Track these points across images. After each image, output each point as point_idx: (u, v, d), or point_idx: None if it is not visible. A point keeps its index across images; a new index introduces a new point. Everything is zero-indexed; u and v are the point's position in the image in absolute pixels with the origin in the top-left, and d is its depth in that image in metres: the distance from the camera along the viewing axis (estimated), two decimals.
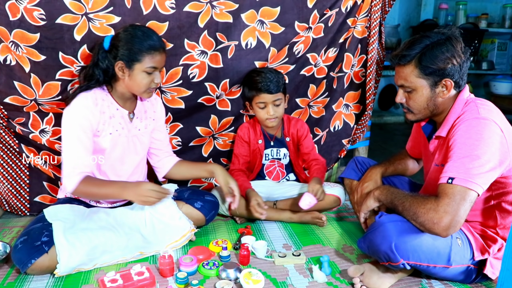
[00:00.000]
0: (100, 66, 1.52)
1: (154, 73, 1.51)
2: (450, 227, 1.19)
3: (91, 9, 1.64)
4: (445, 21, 4.40)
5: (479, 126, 1.25)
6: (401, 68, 1.38)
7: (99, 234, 1.47)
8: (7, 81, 1.69)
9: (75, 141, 1.48)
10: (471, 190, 1.20)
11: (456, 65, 1.32)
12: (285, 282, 1.41)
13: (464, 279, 1.36)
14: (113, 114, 1.57)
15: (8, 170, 1.90)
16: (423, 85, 1.36)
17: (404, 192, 1.36)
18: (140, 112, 1.66)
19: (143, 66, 1.48)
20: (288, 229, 1.83)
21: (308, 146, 2.00)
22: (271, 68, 1.90)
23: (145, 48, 1.46)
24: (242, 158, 1.97)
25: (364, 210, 1.49)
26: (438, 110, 1.40)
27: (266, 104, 1.85)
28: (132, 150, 1.65)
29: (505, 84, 4.24)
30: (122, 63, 1.48)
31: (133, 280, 1.32)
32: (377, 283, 1.35)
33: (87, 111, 1.50)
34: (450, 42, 1.32)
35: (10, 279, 1.41)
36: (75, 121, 1.49)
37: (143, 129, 1.68)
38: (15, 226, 1.83)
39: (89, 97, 1.52)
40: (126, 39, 1.48)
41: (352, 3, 1.95)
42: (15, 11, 1.58)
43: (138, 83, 1.50)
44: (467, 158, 1.22)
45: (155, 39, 1.50)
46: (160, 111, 1.76)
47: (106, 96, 1.57)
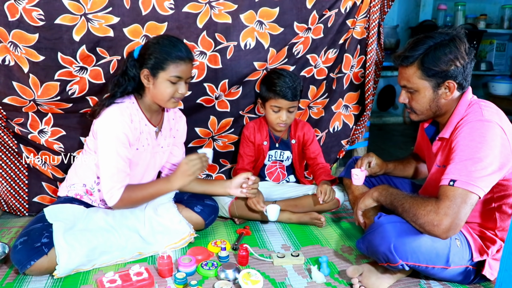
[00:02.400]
0: (128, 74, 1.53)
1: (179, 83, 1.50)
2: (450, 229, 1.19)
3: (90, 9, 1.64)
4: (444, 22, 4.41)
5: (483, 128, 1.24)
6: (404, 69, 1.38)
7: (98, 235, 1.47)
8: (6, 82, 1.69)
9: (115, 156, 1.48)
10: (472, 193, 1.19)
11: (459, 67, 1.31)
12: (283, 283, 1.41)
13: (463, 280, 1.36)
14: (142, 130, 1.57)
15: (7, 170, 1.90)
16: (426, 87, 1.35)
17: (404, 193, 1.35)
18: (165, 129, 1.67)
19: (167, 74, 1.47)
20: (287, 229, 1.83)
21: (314, 150, 2.00)
22: (291, 72, 1.88)
23: (170, 57, 1.46)
24: (247, 158, 1.97)
25: (361, 209, 1.49)
26: (441, 111, 1.39)
27: (281, 109, 1.84)
28: (152, 166, 1.66)
29: (503, 85, 4.24)
30: (147, 71, 1.49)
31: (132, 280, 1.32)
32: (376, 283, 1.35)
33: (125, 127, 1.49)
34: (454, 43, 1.31)
35: (8, 280, 1.41)
36: (113, 135, 1.48)
37: (166, 147, 1.69)
38: (13, 227, 1.83)
39: (124, 113, 1.50)
40: (153, 47, 1.48)
41: (351, 3, 1.95)
42: (14, 12, 1.58)
43: (162, 92, 1.49)
44: (470, 161, 1.21)
45: (182, 49, 1.48)
46: (183, 130, 1.77)
47: (137, 110, 1.56)
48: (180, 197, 1.71)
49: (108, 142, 1.48)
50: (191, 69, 1.54)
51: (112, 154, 1.48)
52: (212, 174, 2.14)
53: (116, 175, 1.49)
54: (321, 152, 2.04)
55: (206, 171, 2.12)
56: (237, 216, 1.86)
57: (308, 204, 1.87)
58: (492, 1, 4.59)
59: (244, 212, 1.85)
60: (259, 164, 2.00)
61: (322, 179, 1.89)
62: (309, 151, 2.00)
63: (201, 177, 2.10)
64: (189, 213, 1.66)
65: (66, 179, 1.70)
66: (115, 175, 1.49)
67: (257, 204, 1.75)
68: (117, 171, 1.49)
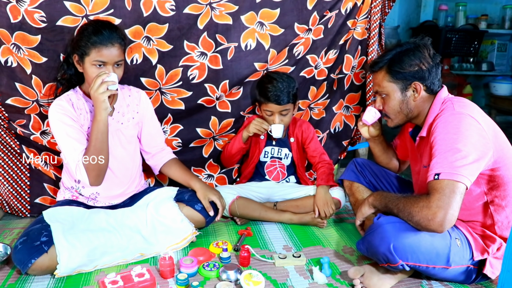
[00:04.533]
0: (68, 61, 1.59)
1: (107, 67, 1.50)
2: (444, 221, 1.20)
3: (91, 11, 1.64)
4: (445, 22, 4.40)
5: (455, 120, 1.30)
6: (375, 74, 1.50)
7: (99, 235, 1.47)
8: (9, 83, 1.70)
9: (65, 137, 1.52)
10: (458, 182, 1.22)
11: (424, 70, 1.41)
12: (285, 284, 1.41)
13: (465, 280, 1.37)
14: (90, 109, 1.60)
15: (9, 171, 1.91)
16: (394, 89, 1.45)
17: (397, 195, 1.38)
18: (121, 106, 1.67)
19: (90, 59, 1.49)
20: (288, 230, 1.83)
21: (314, 149, 2.00)
22: (285, 75, 1.89)
23: (90, 42, 1.48)
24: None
25: (360, 218, 1.51)
26: (413, 114, 1.47)
27: (273, 113, 1.86)
28: (117, 144, 1.66)
29: (505, 85, 4.23)
30: (77, 56, 1.53)
31: (134, 281, 1.32)
32: (377, 284, 1.35)
33: (65, 107, 1.55)
34: (418, 49, 1.43)
35: (11, 281, 1.41)
36: (56, 118, 1.53)
37: (126, 122, 1.69)
38: (15, 228, 1.84)
39: (63, 98, 1.57)
40: (79, 33, 1.53)
41: (352, 4, 1.95)
42: (16, 14, 1.59)
43: (90, 76, 1.51)
44: (449, 153, 1.25)
45: (103, 33, 1.48)
46: (145, 103, 1.75)
47: (81, 95, 1.61)
48: (181, 197, 1.71)
49: (56, 128, 1.53)
50: (118, 52, 1.51)
51: (63, 136, 1.52)
52: (213, 175, 2.14)
53: (73, 152, 1.52)
54: (323, 150, 2.04)
55: (208, 171, 2.12)
56: (237, 215, 1.87)
57: (309, 205, 1.87)
58: (493, 1, 4.58)
59: (245, 211, 1.85)
60: (255, 159, 2.01)
61: (319, 184, 1.89)
62: (309, 150, 2.00)
63: (202, 176, 2.10)
64: (190, 211, 1.66)
65: (61, 182, 1.72)
66: (72, 152, 1.52)
67: (262, 124, 1.84)
68: (73, 149, 1.52)
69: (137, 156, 1.77)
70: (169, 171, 1.81)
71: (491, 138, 1.30)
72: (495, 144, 1.31)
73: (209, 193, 1.69)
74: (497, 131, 1.35)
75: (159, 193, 1.72)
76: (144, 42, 1.75)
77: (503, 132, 1.39)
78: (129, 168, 1.72)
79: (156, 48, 1.77)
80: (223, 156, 2.04)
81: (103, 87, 1.45)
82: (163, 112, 1.89)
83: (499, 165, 1.32)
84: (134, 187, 1.75)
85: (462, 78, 4.37)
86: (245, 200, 1.87)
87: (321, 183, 1.89)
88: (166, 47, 1.77)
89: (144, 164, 1.84)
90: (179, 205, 1.66)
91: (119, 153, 1.67)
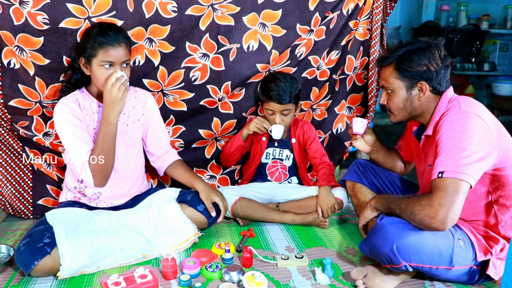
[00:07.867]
0: (74, 66, 1.58)
1: (115, 67, 1.50)
2: (447, 219, 1.20)
3: (93, 13, 1.65)
4: (447, 22, 4.40)
5: (461, 119, 1.29)
6: (383, 69, 1.49)
7: (102, 237, 1.48)
8: (12, 84, 1.70)
9: (71, 138, 1.52)
10: (462, 180, 1.21)
11: (432, 70, 1.40)
12: (288, 285, 1.41)
13: (468, 280, 1.36)
14: (97, 111, 1.60)
15: (11, 173, 1.91)
16: (400, 87, 1.44)
17: (399, 196, 1.38)
18: (127, 108, 1.67)
19: (98, 60, 1.49)
20: (290, 231, 1.83)
21: (316, 150, 2.00)
22: (289, 75, 1.89)
23: (97, 43, 1.48)
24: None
25: (362, 221, 1.50)
26: (416, 112, 1.47)
27: (274, 113, 1.87)
28: (121, 145, 1.66)
29: (507, 85, 4.23)
30: (84, 59, 1.52)
31: (136, 283, 1.32)
32: (380, 285, 1.35)
33: (72, 107, 1.54)
34: (429, 49, 1.41)
35: (14, 282, 1.42)
36: (62, 118, 1.53)
37: (132, 124, 1.69)
38: (18, 229, 1.84)
39: (69, 98, 1.57)
40: (85, 36, 1.52)
41: (354, 5, 1.95)
42: (19, 16, 1.60)
43: (98, 77, 1.51)
44: (454, 151, 1.25)
45: (109, 34, 1.49)
46: (151, 105, 1.75)
47: (87, 96, 1.60)
48: (184, 198, 1.72)
49: (61, 128, 1.53)
50: (124, 52, 1.52)
51: (69, 136, 1.52)
52: (216, 175, 2.14)
53: (79, 153, 1.52)
54: (323, 152, 2.03)
55: (210, 172, 2.13)
56: (240, 216, 1.87)
57: (312, 205, 1.87)
58: (495, 1, 4.58)
59: (247, 212, 1.85)
60: (257, 160, 2.01)
61: (321, 184, 1.90)
62: (310, 151, 2.00)
63: (204, 177, 2.10)
64: (192, 212, 1.66)
65: (64, 183, 1.72)
66: (78, 153, 1.52)
67: (263, 123, 1.85)
68: (79, 150, 1.52)
69: (140, 158, 1.77)
70: (174, 172, 1.81)
71: (497, 138, 1.30)
72: (501, 143, 1.30)
73: (212, 194, 1.69)
74: (502, 131, 1.35)
75: (161, 194, 1.72)
76: (146, 44, 1.75)
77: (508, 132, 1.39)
78: (132, 169, 1.72)
79: (158, 49, 1.77)
80: (222, 154, 2.04)
81: (117, 85, 1.46)
82: (166, 113, 1.89)
83: (504, 165, 1.31)
84: (137, 188, 1.76)
85: (464, 78, 4.37)
86: (248, 201, 1.87)
87: (323, 184, 1.89)
88: (168, 49, 1.78)
89: (146, 165, 1.85)
90: (182, 206, 1.67)
91: (123, 154, 1.67)
